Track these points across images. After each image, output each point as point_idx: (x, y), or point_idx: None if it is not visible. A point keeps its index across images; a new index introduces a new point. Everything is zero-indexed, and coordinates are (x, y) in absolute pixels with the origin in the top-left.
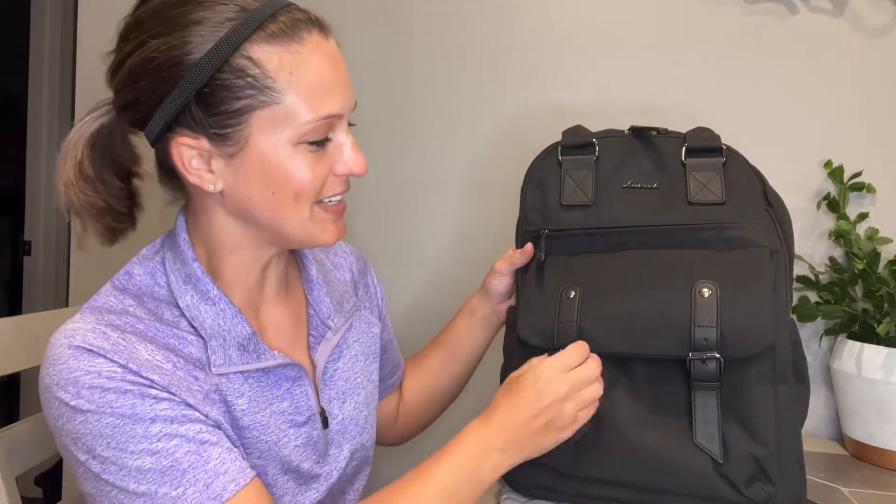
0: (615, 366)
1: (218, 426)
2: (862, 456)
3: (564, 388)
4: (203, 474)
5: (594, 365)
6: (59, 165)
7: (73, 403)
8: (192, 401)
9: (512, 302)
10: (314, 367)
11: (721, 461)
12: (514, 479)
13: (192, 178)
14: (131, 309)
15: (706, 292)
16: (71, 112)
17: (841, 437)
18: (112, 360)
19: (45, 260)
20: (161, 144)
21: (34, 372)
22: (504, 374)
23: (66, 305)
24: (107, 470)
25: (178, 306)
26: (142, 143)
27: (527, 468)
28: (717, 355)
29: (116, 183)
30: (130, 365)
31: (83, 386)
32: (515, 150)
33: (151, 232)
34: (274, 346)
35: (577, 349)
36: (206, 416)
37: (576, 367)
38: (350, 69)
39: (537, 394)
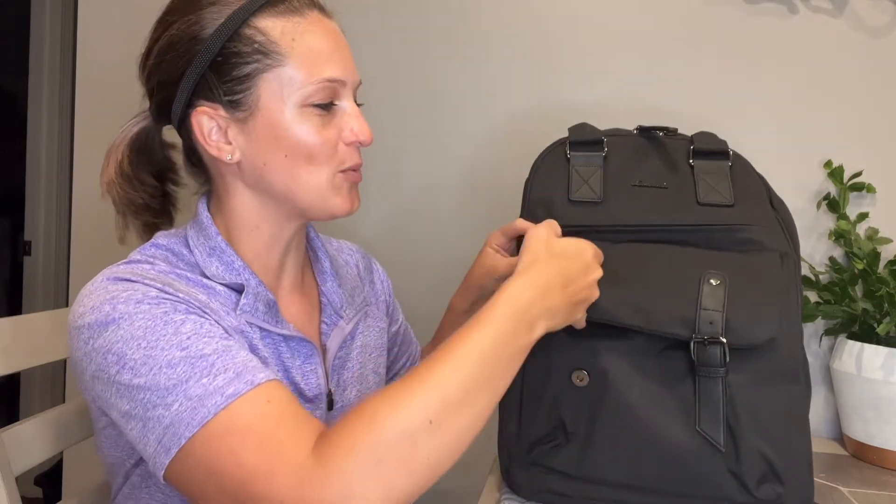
0: (620, 352)
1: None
2: (862, 456)
3: (597, 268)
4: (232, 364)
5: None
6: (104, 165)
7: (108, 319)
8: (223, 325)
9: None
10: (325, 351)
11: (723, 449)
12: (517, 482)
13: (211, 150)
14: (162, 265)
15: (715, 281)
16: (71, 112)
17: (841, 437)
18: (149, 285)
19: (45, 260)
20: (185, 126)
21: (34, 372)
22: None
23: (66, 305)
24: (138, 373)
25: (205, 276)
26: (176, 155)
27: (531, 471)
28: (723, 339)
29: (152, 182)
30: (167, 289)
31: (119, 301)
32: (516, 150)
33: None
34: None
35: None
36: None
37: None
38: None
39: (583, 266)
